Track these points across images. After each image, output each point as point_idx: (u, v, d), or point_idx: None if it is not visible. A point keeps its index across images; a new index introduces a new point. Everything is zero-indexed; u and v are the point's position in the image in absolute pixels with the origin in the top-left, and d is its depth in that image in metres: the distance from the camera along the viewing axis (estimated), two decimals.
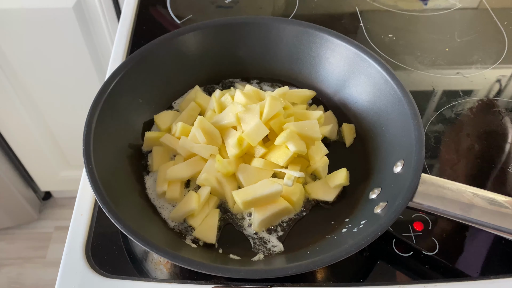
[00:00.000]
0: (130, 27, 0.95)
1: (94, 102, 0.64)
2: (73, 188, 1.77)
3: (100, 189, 0.56)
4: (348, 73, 0.75)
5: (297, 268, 0.51)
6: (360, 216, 0.62)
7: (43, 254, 1.81)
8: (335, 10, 1.03)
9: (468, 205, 0.56)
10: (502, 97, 0.85)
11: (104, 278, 0.59)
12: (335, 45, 0.74)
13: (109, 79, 0.67)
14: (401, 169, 0.61)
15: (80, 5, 1.19)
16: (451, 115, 0.81)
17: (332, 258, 0.52)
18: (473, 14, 1.04)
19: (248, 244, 0.63)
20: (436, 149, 0.76)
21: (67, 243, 0.63)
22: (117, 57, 0.87)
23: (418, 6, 1.06)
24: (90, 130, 0.61)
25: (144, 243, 0.52)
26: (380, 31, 0.97)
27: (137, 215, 0.61)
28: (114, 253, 0.62)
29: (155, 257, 0.63)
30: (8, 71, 1.31)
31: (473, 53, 0.94)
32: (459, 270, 0.62)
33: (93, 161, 0.59)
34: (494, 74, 0.89)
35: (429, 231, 0.65)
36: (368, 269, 0.62)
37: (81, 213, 0.66)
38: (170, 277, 0.61)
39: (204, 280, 0.60)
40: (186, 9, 1.01)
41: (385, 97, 0.69)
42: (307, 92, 0.77)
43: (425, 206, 0.57)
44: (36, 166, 1.70)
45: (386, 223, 0.54)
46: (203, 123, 0.68)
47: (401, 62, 0.91)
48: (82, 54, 1.28)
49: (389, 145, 0.67)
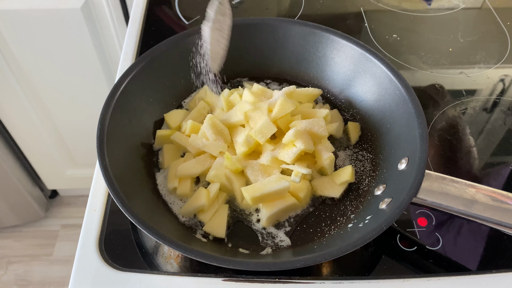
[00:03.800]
0: (139, 27, 0.96)
1: (107, 101, 0.66)
2: (79, 186, 1.79)
3: (114, 185, 0.58)
4: (353, 73, 0.77)
5: (305, 261, 0.53)
6: (366, 211, 0.64)
7: (49, 251, 1.83)
8: (340, 11, 1.05)
9: (471, 201, 0.57)
10: (505, 97, 0.86)
11: (117, 271, 0.61)
12: (341, 45, 0.76)
13: (121, 79, 0.69)
14: (405, 166, 0.63)
15: (88, 6, 1.20)
16: (455, 114, 0.83)
17: (339, 251, 0.53)
18: (476, 14, 1.06)
19: (256, 238, 0.64)
20: (440, 147, 0.78)
21: (81, 238, 0.65)
22: (127, 57, 0.89)
23: (422, 6, 1.07)
24: (103, 128, 0.63)
25: (158, 237, 0.54)
26: (385, 32, 0.99)
27: (149, 210, 0.62)
28: (126, 247, 0.64)
29: (166, 251, 0.65)
30: (16, 71, 1.33)
31: (476, 53, 0.95)
32: (461, 264, 0.64)
33: (106, 158, 0.60)
34: (496, 73, 0.91)
35: (432, 226, 0.67)
36: (373, 264, 0.64)
37: (94, 208, 0.67)
38: (180, 271, 0.63)
39: (213, 273, 0.61)
40: (194, 10, 1.02)
41: (389, 96, 0.71)
42: (314, 91, 0.78)
43: (429, 202, 0.59)
44: (43, 165, 1.72)
45: (391, 218, 0.55)
46: (213, 121, 0.69)
47: (405, 62, 0.92)
48: (89, 54, 1.30)
49: (393, 143, 0.69)
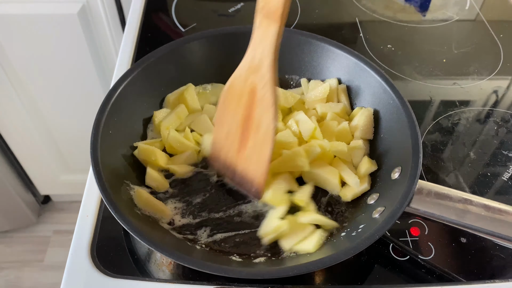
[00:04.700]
0: (136, 34, 0.97)
1: (101, 106, 0.66)
2: (72, 192, 1.78)
3: (107, 191, 0.58)
4: (348, 82, 0.77)
5: (297, 269, 0.53)
6: (359, 220, 0.64)
7: (41, 257, 1.81)
8: (336, 21, 1.06)
9: (463, 211, 0.58)
10: (498, 108, 0.87)
11: (109, 278, 0.61)
12: (336, 55, 0.77)
13: (116, 84, 0.69)
14: (398, 175, 0.63)
15: (85, 12, 1.20)
16: (448, 124, 0.84)
17: (332, 260, 0.53)
18: (470, 26, 1.07)
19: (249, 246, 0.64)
20: (433, 157, 0.78)
21: (73, 243, 0.64)
22: (123, 62, 0.89)
23: (416, 18, 1.08)
24: (97, 133, 0.63)
25: (150, 244, 0.53)
26: (379, 42, 1.00)
27: (142, 216, 0.62)
28: (118, 253, 0.64)
29: (158, 258, 0.64)
30: (11, 75, 1.33)
31: (470, 64, 0.96)
32: (454, 274, 0.64)
33: (100, 164, 0.60)
34: (489, 85, 0.92)
35: (425, 236, 0.67)
36: (365, 273, 0.64)
37: (86, 214, 0.67)
38: (173, 278, 0.63)
39: (206, 281, 0.61)
40: (190, 18, 1.03)
41: (383, 106, 0.71)
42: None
43: (422, 211, 0.59)
44: (36, 170, 1.71)
45: (383, 227, 0.56)
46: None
47: (400, 72, 0.93)
48: (85, 59, 1.30)
49: (387, 152, 0.69)
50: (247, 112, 0.62)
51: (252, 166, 0.65)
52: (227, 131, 0.66)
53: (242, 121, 0.63)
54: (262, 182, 0.65)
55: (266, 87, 0.59)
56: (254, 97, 0.61)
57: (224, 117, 0.66)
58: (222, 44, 0.79)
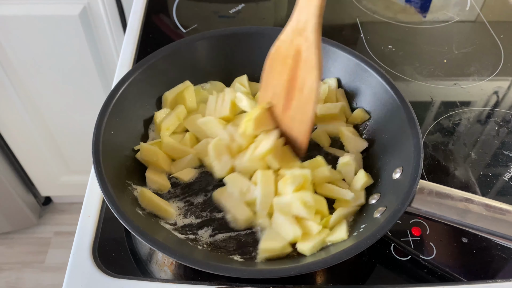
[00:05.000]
0: (137, 35, 0.97)
1: (103, 107, 0.66)
2: (73, 193, 1.78)
3: (109, 191, 0.58)
4: (348, 83, 0.77)
5: (299, 269, 0.53)
6: (360, 220, 0.64)
7: (42, 259, 1.82)
8: (336, 22, 1.06)
9: (465, 211, 0.58)
10: (499, 108, 0.87)
11: (110, 278, 0.61)
12: (337, 55, 0.77)
13: (118, 85, 0.69)
14: (399, 175, 0.63)
15: (86, 13, 1.21)
16: (449, 124, 0.84)
17: (333, 259, 0.53)
18: (470, 27, 1.07)
19: (250, 246, 0.64)
20: (434, 157, 0.78)
21: (74, 244, 0.64)
22: (124, 63, 0.89)
23: (417, 18, 1.08)
24: (99, 134, 0.63)
25: (152, 244, 0.53)
26: (380, 42, 1.00)
27: (144, 216, 0.63)
28: (120, 254, 0.64)
29: (160, 258, 0.64)
30: (12, 76, 1.33)
31: (470, 64, 0.96)
32: (455, 274, 0.64)
33: (102, 164, 0.60)
34: (490, 85, 0.92)
35: (426, 236, 0.67)
36: (367, 273, 0.64)
37: (88, 214, 0.67)
38: (174, 278, 0.63)
39: (207, 281, 0.61)
40: (191, 19, 1.03)
41: (385, 106, 0.71)
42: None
43: (423, 211, 0.59)
44: (37, 171, 1.71)
45: (385, 227, 0.56)
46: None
47: (401, 72, 0.93)
48: (86, 60, 1.30)
49: (388, 152, 0.69)
50: (292, 74, 0.64)
51: (296, 125, 0.67)
52: (272, 93, 0.68)
53: (287, 82, 0.65)
54: (306, 140, 0.67)
55: (311, 49, 0.60)
56: (298, 59, 0.62)
57: (269, 80, 0.68)
58: (223, 44, 0.79)
